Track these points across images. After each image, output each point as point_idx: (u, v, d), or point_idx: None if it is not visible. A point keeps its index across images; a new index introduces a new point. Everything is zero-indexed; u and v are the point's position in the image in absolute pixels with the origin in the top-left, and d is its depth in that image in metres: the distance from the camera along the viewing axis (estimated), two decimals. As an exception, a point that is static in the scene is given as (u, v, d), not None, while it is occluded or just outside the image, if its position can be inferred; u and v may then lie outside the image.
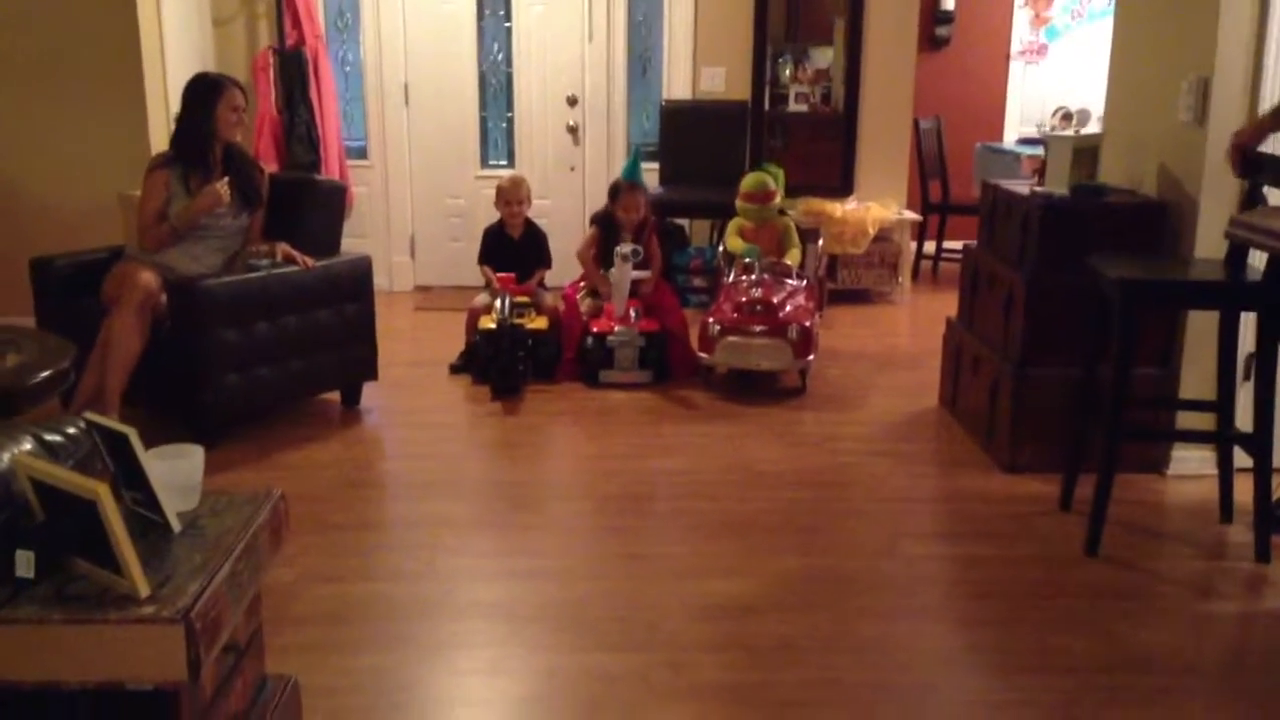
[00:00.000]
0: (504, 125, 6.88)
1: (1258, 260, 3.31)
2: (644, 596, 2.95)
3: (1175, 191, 3.74)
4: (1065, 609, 2.92)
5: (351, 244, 4.94)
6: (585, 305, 5.06)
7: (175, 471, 1.93)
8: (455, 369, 5.08)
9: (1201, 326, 3.63)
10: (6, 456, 1.81)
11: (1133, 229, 3.73)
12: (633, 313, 4.84)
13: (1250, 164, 3.05)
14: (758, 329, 4.67)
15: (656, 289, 5.08)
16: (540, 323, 4.96)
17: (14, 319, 4.32)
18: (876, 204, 6.54)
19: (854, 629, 2.79)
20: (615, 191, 5.13)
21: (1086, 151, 3.87)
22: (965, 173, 7.60)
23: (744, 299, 4.81)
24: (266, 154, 6.19)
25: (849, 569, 3.14)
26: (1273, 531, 3.19)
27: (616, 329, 4.79)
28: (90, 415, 1.93)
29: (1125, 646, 2.73)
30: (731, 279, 5.09)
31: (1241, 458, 3.36)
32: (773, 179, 5.37)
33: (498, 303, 4.88)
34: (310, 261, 4.23)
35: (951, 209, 7.36)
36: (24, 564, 1.70)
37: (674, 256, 6.25)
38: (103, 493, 1.62)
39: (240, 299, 4.00)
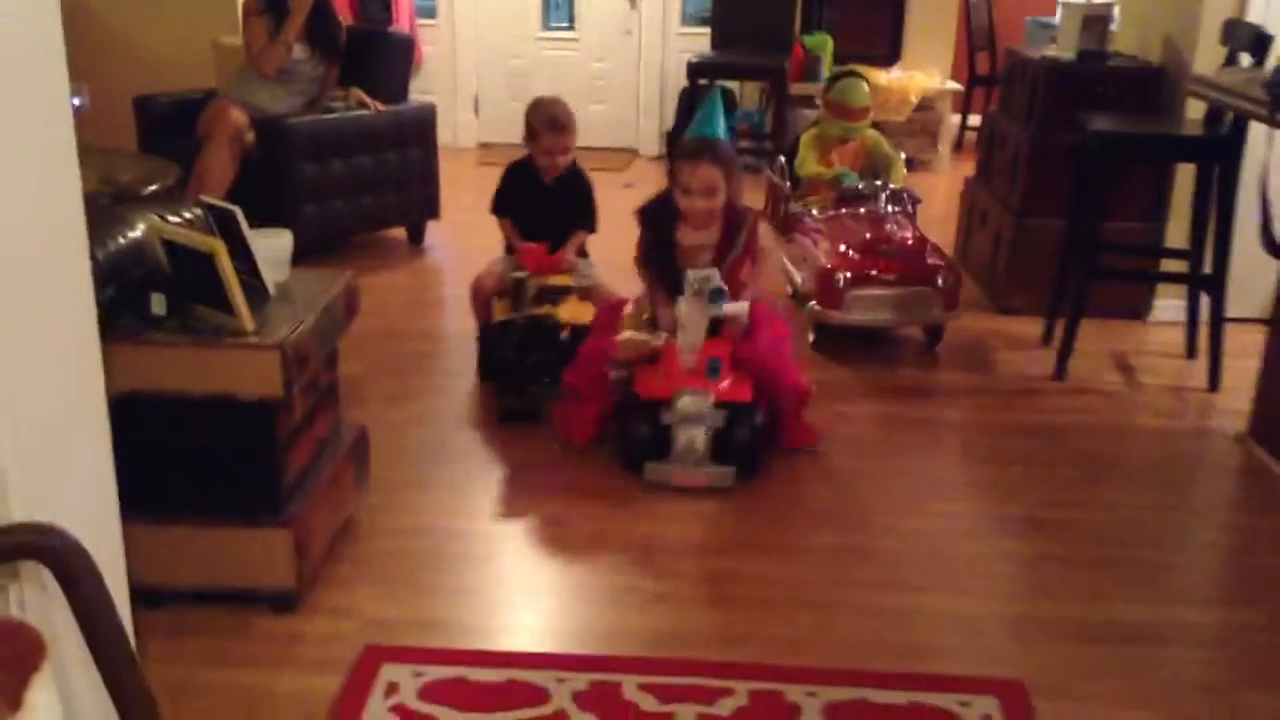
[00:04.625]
0: (566, -13, 7.21)
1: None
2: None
3: (1174, 58, 4.01)
4: (1025, 420, 3.35)
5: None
6: (625, 341, 3.04)
7: (271, 247, 2.41)
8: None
9: (1187, 182, 3.94)
10: (142, 226, 2.31)
11: (1132, 92, 4.02)
12: (709, 365, 2.90)
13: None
14: (896, 277, 3.71)
15: (756, 319, 3.05)
16: (582, 311, 3.36)
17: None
18: (920, 73, 6.78)
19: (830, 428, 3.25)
20: (674, 155, 3.27)
21: (1096, 19, 4.13)
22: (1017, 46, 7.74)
23: (869, 237, 3.81)
24: (342, 11, 6.57)
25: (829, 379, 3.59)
26: None
27: (681, 396, 2.85)
28: (203, 197, 2.41)
29: (1070, 447, 3.17)
30: (829, 212, 4.05)
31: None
32: (868, 87, 4.33)
33: (516, 279, 3.43)
34: (380, 106, 4.69)
35: (999, 81, 7.54)
36: (158, 304, 2.21)
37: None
38: (218, 248, 2.11)
39: (319, 136, 4.48)
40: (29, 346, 1.46)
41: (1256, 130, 3.50)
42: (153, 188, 3.60)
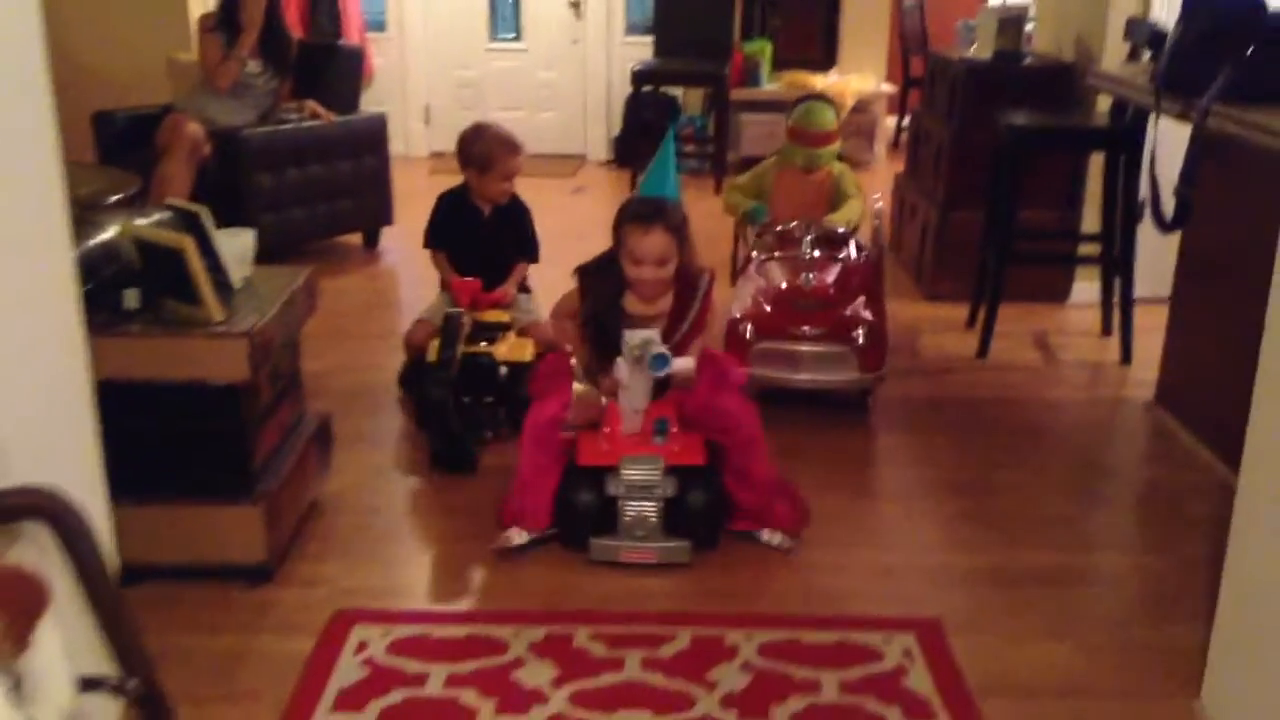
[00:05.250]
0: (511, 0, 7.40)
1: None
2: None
3: (1085, 56, 4.27)
4: (948, 394, 3.59)
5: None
6: (578, 399, 2.73)
7: (234, 244, 2.58)
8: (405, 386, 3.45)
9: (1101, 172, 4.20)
10: (113, 229, 2.46)
11: (1045, 90, 4.28)
12: (656, 426, 2.65)
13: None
14: (808, 331, 3.29)
15: (709, 369, 2.72)
16: (521, 349, 3.22)
17: (78, 167, 4.95)
18: (856, 77, 7.04)
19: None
20: (622, 218, 2.71)
21: (1011, 21, 4.39)
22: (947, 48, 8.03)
23: (784, 286, 3.37)
24: (293, 25, 6.70)
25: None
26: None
27: (627, 465, 2.59)
28: (169, 200, 2.58)
29: (990, 417, 3.42)
30: (755, 255, 3.57)
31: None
32: (834, 112, 3.89)
33: (449, 315, 3.19)
34: (332, 116, 4.85)
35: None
36: (131, 299, 2.37)
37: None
38: (187, 244, 2.28)
39: (273, 147, 4.64)
40: (21, 335, 1.63)
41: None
42: (115, 198, 3.74)
